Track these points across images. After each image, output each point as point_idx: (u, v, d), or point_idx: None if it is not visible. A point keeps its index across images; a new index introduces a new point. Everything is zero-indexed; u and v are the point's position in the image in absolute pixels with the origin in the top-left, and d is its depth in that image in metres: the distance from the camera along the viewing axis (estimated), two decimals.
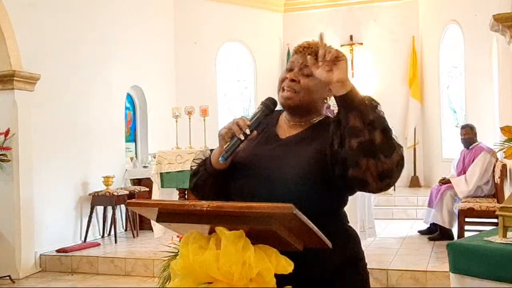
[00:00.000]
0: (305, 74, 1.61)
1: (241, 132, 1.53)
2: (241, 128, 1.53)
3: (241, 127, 1.53)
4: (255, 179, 1.57)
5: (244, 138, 1.53)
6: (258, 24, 10.36)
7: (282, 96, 1.64)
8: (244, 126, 1.53)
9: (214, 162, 1.61)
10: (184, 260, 1.33)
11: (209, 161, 1.66)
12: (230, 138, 1.54)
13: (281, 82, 1.66)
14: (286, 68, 1.68)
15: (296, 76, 1.62)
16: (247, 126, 1.54)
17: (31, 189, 5.85)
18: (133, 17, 7.96)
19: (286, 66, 1.68)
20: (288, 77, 1.63)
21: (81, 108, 6.76)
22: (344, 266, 1.58)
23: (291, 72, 1.63)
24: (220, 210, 1.31)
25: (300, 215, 1.24)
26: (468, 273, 3.02)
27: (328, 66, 1.45)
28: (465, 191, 5.83)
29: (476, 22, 7.37)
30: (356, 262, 1.64)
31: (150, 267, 5.53)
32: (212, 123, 7.62)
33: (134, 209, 1.53)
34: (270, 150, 1.62)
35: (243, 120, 1.55)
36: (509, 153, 3.67)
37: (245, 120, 1.55)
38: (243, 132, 1.53)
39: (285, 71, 1.66)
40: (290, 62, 1.66)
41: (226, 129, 1.56)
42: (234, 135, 1.53)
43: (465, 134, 6.16)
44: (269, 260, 1.30)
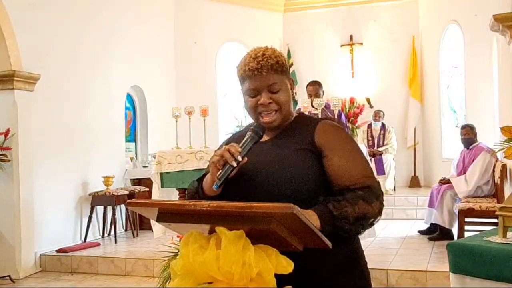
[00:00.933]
0: (274, 91, 1.62)
1: (233, 159, 1.52)
2: (233, 155, 1.53)
3: (233, 154, 1.53)
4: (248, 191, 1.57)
5: (236, 165, 1.53)
6: (258, 24, 10.35)
7: (264, 122, 1.65)
8: (236, 153, 1.53)
9: (207, 189, 1.62)
10: (184, 260, 1.33)
11: (201, 190, 1.66)
12: (222, 165, 1.54)
13: (253, 109, 1.65)
14: (247, 95, 1.65)
15: (269, 98, 1.62)
16: (239, 152, 1.54)
17: (31, 189, 5.85)
18: (133, 17, 7.96)
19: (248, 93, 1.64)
20: (261, 103, 1.62)
21: (81, 108, 6.76)
22: (345, 266, 1.58)
23: (261, 97, 1.62)
24: (220, 210, 1.31)
25: (300, 215, 1.24)
26: (468, 273, 3.02)
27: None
28: (465, 191, 5.83)
29: (476, 22, 7.37)
30: (356, 261, 1.64)
31: (150, 267, 5.53)
32: (212, 123, 7.63)
33: (134, 209, 1.53)
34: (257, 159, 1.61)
35: (234, 147, 1.54)
36: (509, 153, 3.66)
37: (236, 147, 1.55)
38: (235, 159, 1.52)
39: (250, 98, 1.64)
40: (251, 86, 1.63)
41: (218, 156, 1.55)
42: (227, 162, 1.53)
43: (465, 134, 6.16)
44: (269, 260, 1.30)
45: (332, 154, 1.58)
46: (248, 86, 1.64)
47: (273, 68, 1.61)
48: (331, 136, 1.62)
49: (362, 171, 1.58)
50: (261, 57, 1.60)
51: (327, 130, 1.64)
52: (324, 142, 1.60)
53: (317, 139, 1.61)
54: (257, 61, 1.60)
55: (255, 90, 1.63)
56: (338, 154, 1.58)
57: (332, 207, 1.46)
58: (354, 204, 1.48)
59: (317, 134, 1.62)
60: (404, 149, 9.83)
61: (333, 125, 1.68)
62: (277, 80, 1.62)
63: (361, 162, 1.60)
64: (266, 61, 1.60)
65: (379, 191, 1.57)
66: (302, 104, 5.82)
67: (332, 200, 1.49)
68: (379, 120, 9.17)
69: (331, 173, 1.57)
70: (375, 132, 9.13)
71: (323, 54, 10.38)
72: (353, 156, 1.60)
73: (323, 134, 1.62)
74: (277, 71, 1.62)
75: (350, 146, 1.63)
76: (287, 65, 1.68)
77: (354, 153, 1.62)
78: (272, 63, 1.60)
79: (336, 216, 1.45)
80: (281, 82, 1.63)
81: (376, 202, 1.53)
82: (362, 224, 1.51)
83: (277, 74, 1.62)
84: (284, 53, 10.35)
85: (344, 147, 1.61)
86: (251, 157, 1.59)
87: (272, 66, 1.60)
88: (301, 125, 1.67)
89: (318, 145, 1.60)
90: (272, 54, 1.62)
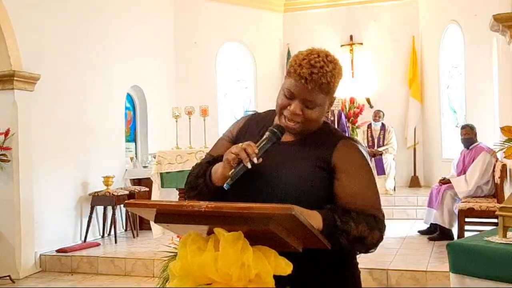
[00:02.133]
0: (309, 107, 1.55)
1: (248, 160, 1.48)
2: (249, 155, 1.48)
3: (249, 154, 1.48)
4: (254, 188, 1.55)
5: (251, 166, 1.48)
6: (258, 24, 10.35)
7: (284, 124, 1.59)
8: (252, 154, 1.48)
9: (216, 179, 1.58)
10: (182, 261, 1.32)
11: (209, 178, 1.61)
12: (237, 164, 1.50)
13: (281, 108, 1.59)
14: (284, 92, 1.57)
15: (300, 109, 1.55)
16: (255, 154, 1.49)
17: (31, 189, 5.85)
18: (133, 17, 7.96)
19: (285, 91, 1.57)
20: (290, 110, 1.55)
21: (81, 108, 6.76)
22: (335, 267, 1.58)
23: (294, 104, 1.55)
24: (218, 211, 1.30)
25: (299, 216, 1.24)
26: (468, 273, 3.02)
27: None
28: (465, 191, 5.83)
29: (476, 22, 7.37)
30: (348, 261, 1.64)
31: (150, 267, 5.53)
32: (212, 123, 7.63)
33: (132, 210, 1.53)
34: (271, 160, 1.57)
35: (251, 147, 1.49)
36: (509, 153, 3.67)
37: (253, 147, 1.50)
38: (251, 160, 1.48)
39: (284, 97, 1.57)
40: (291, 89, 1.54)
41: (233, 154, 1.50)
42: (241, 161, 1.49)
43: (465, 134, 6.15)
44: (268, 261, 1.30)
45: (344, 177, 1.54)
46: (289, 85, 1.55)
47: (322, 87, 1.52)
48: (349, 159, 1.56)
49: (371, 201, 1.54)
50: (317, 70, 1.50)
51: (346, 151, 1.57)
52: (339, 164, 1.55)
53: (334, 158, 1.56)
54: (311, 72, 1.50)
55: (292, 95, 1.55)
56: (350, 179, 1.53)
57: (337, 217, 1.43)
58: (358, 223, 1.45)
59: (335, 153, 1.56)
60: (404, 149, 9.82)
61: (354, 147, 1.60)
62: (318, 99, 1.54)
63: (372, 193, 1.55)
64: (319, 77, 1.50)
65: (382, 223, 1.53)
66: None
67: (338, 211, 1.46)
68: (379, 120, 9.17)
69: (339, 196, 1.53)
70: (375, 132, 9.13)
71: None
72: (365, 184, 1.55)
73: (341, 155, 1.56)
74: (323, 91, 1.53)
75: (365, 173, 1.57)
76: (337, 84, 1.58)
77: (367, 181, 1.56)
78: (324, 82, 1.51)
79: (339, 227, 1.43)
80: (320, 101, 1.55)
81: (377, 232, 1.50)
82: (358, 247, 1.49)
83: (321, 94, 1.54)
84: (284, 53, 10.45)
85: (358, 173, 1.55)
86: (264, 156, 1.55)
87: (321, 85, 1.51)
88: (324, 138, 1.61)
89: (333, 164, 1.55)
90: (330, 72, 1.52)
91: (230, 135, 1.75)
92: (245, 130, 1.72)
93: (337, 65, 1.56)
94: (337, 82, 1.57)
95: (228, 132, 1.78)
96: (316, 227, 1.37)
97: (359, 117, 9.61)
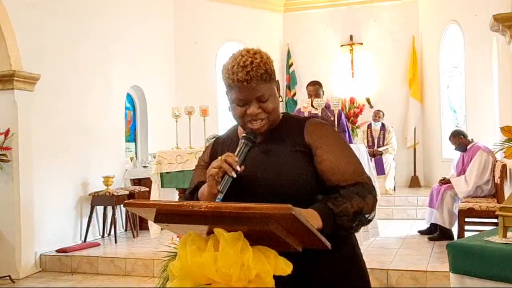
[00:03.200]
0: (264, 101, 1.59)
1: (231, 169, 1.51)
2: (231, 165, 1.51)
3: (231, 164, 1.51)
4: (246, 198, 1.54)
5: (235, 175, 1.52)
6: (258, 24, 10.35)
7: (252, 128, 1.61)
8: (233, 163, 1.51)
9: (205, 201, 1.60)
10: (182, 261, 1.32)
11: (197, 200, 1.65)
12: (221, 177, 1.52)
13: (241, 118, 1.62)
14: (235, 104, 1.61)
15: (258, 108, 1.59)
16: (236, 162, 1.52)
17: (31, 189, 5.85)
18: (133, 17, 7.96)
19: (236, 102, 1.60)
20: (250, 113, 1.59)
21: (81, 108, 6.76)
22: (344, 265, 1.59)
23: (250, 107, 1.58)
24: (218, 211, 1.30)
25: (298, 215, 1.24)
26: (468, 273, 3.02)
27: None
28: (465, 191, 5.83)
29: (476, 22, 7.37)
30: (355, 260, 1.64)
31: (150, 267, 5.53)
32: (212, 123, 7.63)
33: (132, 210, 1.52)
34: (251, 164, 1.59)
35: (231, 157, 1.52)
36: (509, 153, 3.67)
37: (233, 157, 1.53)
38: (234, 169, 1.51)
39: (238, 107, 1.60)
40: (240, 96, 1.58)
41: (215, 168, 1.52)
42: (225, 173, 1.51)
43: (455, 143, 6.18)
44: (268, 261, 1.30)
45: (321, 152, 1.58)
46: (236, 95, 1.59)
47: (263, 78, 1.56)
48: (320, 134, 1.61)
49: (352, 168, 1.58)
50: (250, 67, 1.54)
51: (315, 128, 1.63)
52: (313, 141, 1.60)
53: (307, 139, 1.61)
54: (246, 71, 1.54)
55: (244, 100, 1.59)
56: (327, 152, 1.58)
57: (331, 205, 1.46)
58: (350, 199, 1.48)
59: (306, 134, 1.62)
60: (404, 149, 9.82)
61: (321, 123, 1.67)
62: (266, 90, 1.58)
63: (350, 159, 1.60)
64: (256, 71, 1.54)
65: (371, 186, 1.57)
66: (302, 104, 5.82)
67: (330, 198, 1.49)
68: (379, 120, 9.17)
69: (322, 172, 1.58)
70: (375, 132, 9.13)
71: (323, 54, 10.37)
72: (342, 153, 1.60)
73: (312, 133, 1.62)
74: (266, 80, 1.57)
75: (339, 144, 1.62)
76: (274, 69, 1.63)
77: (343, 150, 1.61)
78: (262, 72, 1.55)
79: (337, 213, 1.45)
80: (269, 91, 1.60)
81: (370, 196, 1.53)
82: (361, 220, 1.51)
83: (266, 83, 1.58)
84: (284, 53, 10.45)
85: (332, 144, 1.60)
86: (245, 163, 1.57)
87: (261, 76, 1.55)
88: (289, 126, 1.66)
89: (308, 144, 1.60)
90: (260, 62, 1.56)
91: (203, 162, 1.78)
92: (215, 153, 1.74)
93: (262, 53, 1.61)
94: (272, 66, 1.61)
95: (200, 161, 1.82)
96: (316, 226, 1.37)
97: (359, 117, 9.61)
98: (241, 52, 1.59)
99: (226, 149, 1.69)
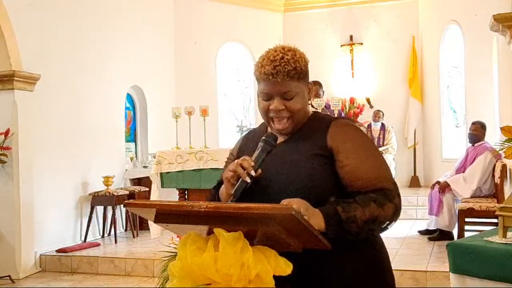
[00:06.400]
0: (288, 98, 1.56)
1: (246, 174, 1.49)
2: (246, 169, 1.49)
3: (246, 168, 1.49)
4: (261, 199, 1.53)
5: (250, 180, 1.49)
6: (258, 24, 10.35)
7: (275, 128, 1.60)
8: (249, 168, 1.49)
9: (224, 201, 1.60)
10: (182, 261, 1.32)
11: (218, 199, 1.66)
12: (236, 181, 1.51)
13: (265, 113, 1.60)
14: (261, 98, 1.61)
15: (281, 104, 1.56)
16: (252, 167, 1.50)
17: (31, 189, 5.85)
18: (133, 17, 7.96)
19: (261, 96, 1.60)
20: (273, 109, 1.57)
21: (81, 108, 6.76)
22: (365, 272, 1.54)
23: (274, 102, 1.56)
24: (218, 211, 1.30)
25: (298, 216, 1.24)
26: (468, 273, 3.02)
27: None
28: (468, 192, 5.72)
29: (476, 22, 7.37)
30: (378, 266, 1.61)
31: (150, 267, 5.53)
32: (212, 123, 7.63)
33: (132, 210, 1.53)
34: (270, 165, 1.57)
35: (247, 161, 1.50)
36: (509, 153, 3.66)
37: (249, 161, 1.50)
38: (248, 174, 1.49)
39: (263, 101, 1.60)
40: (265, 90, 1.57)
41: (231, 172, 1.51)
42: (240, 177, 1.50)
43: (474, 130, 6.03)
44: (268, 261, 1.30)
45: (343, 157, 1.52)
46: (262, 89, 1.58)
47: (290, 74, 1.53)
48: (343, 138, 1.55)
49: (375, 173, 1.52)
50: (279, 62, 1.53)
51: (339, 131, 1.57)
52: (335, 145, 1.54)
53: (329, 142, 1.55)
54: (274, 66, 1.53)
55: (268, 95, 1.57)
56: (348, 158, 1.52)
57: (340, 210, 1.41)
58: (365, 206, 1.43)
59: (329, 137, 1.56)
60: (404, 149, 9.82)
61: (346, 125, 1.60)
62: (292, 87, 1.55)
63: (374, 164, 1.54)
64: (283, 66, 1.52)
65: (394, 192, 1.52)
66: None
67: (342, 202, 1.44)
68: (379, 120, 9.17)
69: (343, 177, 1.52)
70: (375, 133, 9.12)
71: (323, 54, 10.36)
72: (366, 158, 1.53)
73: (334, 136, 1.55)
74: (294, 78, 1.54)
75: (363, 148, 1.55)
76: (307, 70, 1.60)
77: (367, 154, 1.54)
78: (289, 69, 1.53)
79: (344, 219, 1.41)
80: (296, 89, 1.56)
81: (390, 204, 1.49)
82: (372, 228, 1.47)
83: (293, 81, 1.55)
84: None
85: (355, 149, 1.53)
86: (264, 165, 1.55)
87: (288, 72, 1.53)
88: (315, 127, 1.60)
89: (329, 148, 1.55)
90: (291, 58, 1.54)
91: (232, 156, 1.77)
92: (243, 149, 1.73)
93: (297, 51, 1.59)
94: (303, 66, 1.58)
95: (229, 155, 1.81)
96: (318, 227, 1.36)
97: (359, 117, 9.59)
98: (276, 47, 1.59)
99: (252, 144, 1.66)
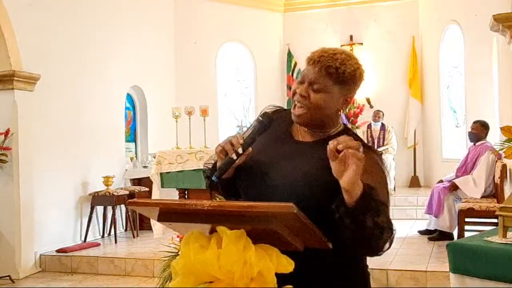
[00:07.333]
0: (315, 90, 1.53)
1: (233, 151, 1.49)
2: (234, 146, 1.49)
3: (234, 145, 1.49)
4: (262, 181, 1.54)
5: (236, 157, 1.49)
6: (258, 24, 10.36)
7: (293, 113, 1.57)
8: (237, 145, 1.49)
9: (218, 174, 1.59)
10: (185, 259, 1.33)
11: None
12: (225, 156, 1.51)
13: (293, 95, 1.59)
14: (298, 80, 1.59)
15: (306, 91, 1.54)
16: (240, 144, 1.49)
17: (31, 189, 5.85)
18: (133, 17, 7.96)
19: (299, 77, 1.60)
20: (298, 92, 1.55)
21: (81, 108, 6.76)
22: (343, 267, 1.55)
23: (302, 86, 1.55)
24: (221, 210, 1.31)
25: (301, 214, 1.24)
26: (468, 273, 3.02)
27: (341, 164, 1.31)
28: (477, 192, 5.70)
29: (476, 22, 7.37)
30: (356, 263, 1.62)
31: (150, 267, 5.53)
32: (212, 123, 7.63)
33: (135, 209, 1.53)
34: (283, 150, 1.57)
35: (236, 138, 1.50)
36: (509, 153, 3.67)
37: (238, 138, 1.50)
38: (235, 151, 1.49)
39: (297, 83, 1.58)
40: (302, 73, 1.58)
41: (220, 147, 1.52)
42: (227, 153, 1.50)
43: (473, 129, 6.02)
44: (270, 259, 1.30)
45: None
46: (302, 70, 1.60)
47: (328, 70, 1.51)
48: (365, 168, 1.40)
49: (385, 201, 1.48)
50: (326, 54, 1.52)
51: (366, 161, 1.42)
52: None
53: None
54: (321, 55, 1.53)
55: (302, 78, 1.56)
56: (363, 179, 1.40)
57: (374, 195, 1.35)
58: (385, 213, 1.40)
59: None
60: (404, 149, 9.82)
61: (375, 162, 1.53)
62: (324, 83, 1.52)
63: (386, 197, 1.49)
64: (327, 60, 1.51)
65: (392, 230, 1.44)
66: None
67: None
68: (379, 121, 9.17)
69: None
70: (374, 133, 9.13)
71: None
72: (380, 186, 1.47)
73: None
74: (331, 76, 1.51)
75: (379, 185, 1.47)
76: (351, 80, 1.55)
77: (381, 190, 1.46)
78: (330, 65, 1.50)
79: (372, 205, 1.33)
80: (328, 88, 1.53)
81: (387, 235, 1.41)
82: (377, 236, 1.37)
83: (329, 79, 1.52)
84: (284, 53, 10.45)
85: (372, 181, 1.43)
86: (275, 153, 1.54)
87: (328, 67, 1.51)
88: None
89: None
90: (340, 60, 1.51)
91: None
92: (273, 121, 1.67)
93: (353, 59, 1.55)
94: (348, 73, 1.52)
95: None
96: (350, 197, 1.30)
97: (359, 117, 9.61)
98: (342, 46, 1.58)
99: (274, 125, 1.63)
